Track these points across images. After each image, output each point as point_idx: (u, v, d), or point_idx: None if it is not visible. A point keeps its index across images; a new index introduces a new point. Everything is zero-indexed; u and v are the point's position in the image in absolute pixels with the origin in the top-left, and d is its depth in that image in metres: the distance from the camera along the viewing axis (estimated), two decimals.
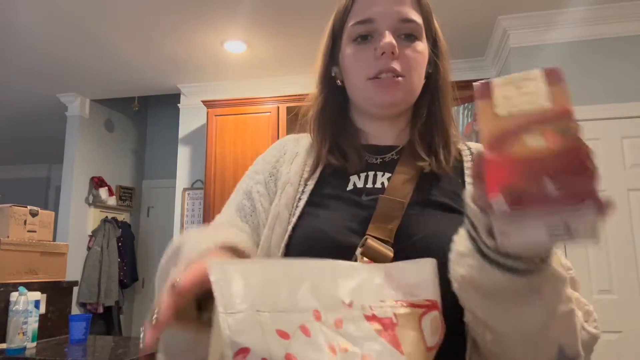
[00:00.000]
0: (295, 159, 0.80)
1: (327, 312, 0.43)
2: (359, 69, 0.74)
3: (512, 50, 3.07)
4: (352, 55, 0.75)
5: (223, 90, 4.09)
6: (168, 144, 5.01)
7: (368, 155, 0.77)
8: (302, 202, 0.73)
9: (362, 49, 0.74)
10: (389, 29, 0.72)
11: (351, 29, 0.75)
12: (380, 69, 0.72)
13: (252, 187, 0.80)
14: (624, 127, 2.79)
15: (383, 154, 0.77)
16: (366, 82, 0.73)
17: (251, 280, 0.42)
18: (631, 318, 2.60)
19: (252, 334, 0.38)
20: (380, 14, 0.73)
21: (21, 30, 3.21)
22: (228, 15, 3.02)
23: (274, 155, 0.83)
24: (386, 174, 0.73)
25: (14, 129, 5.53)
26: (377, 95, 0.74)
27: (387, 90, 0.73)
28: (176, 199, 4.17)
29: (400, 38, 0.73)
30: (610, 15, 2.90)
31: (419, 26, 0.74)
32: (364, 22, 0.73)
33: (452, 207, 0.69)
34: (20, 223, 2.32)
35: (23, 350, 1.98)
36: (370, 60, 0.73)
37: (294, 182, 0.76)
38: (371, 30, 0.73)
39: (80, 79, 4.07)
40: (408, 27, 0.73)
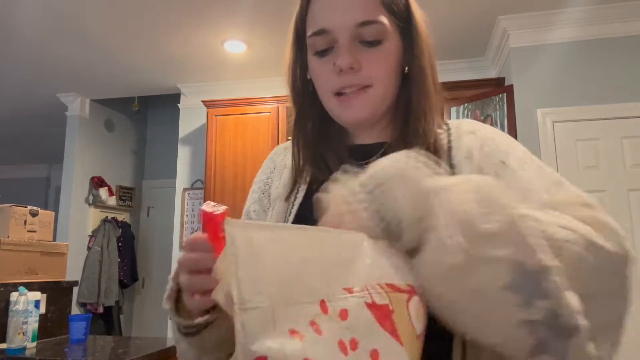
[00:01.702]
0: (284, 172, 0.79)
1: (332, 301, 0.42)
2: (323, 83, 0.71)
3: (512, 50, 3.07)
4: (315, 70, 0.71)
5: (223, 90, 4.09)
6: (168, 144, 5.01)
7: (353, 162, 0.73)
8: (292, 216, 0.72)
9: (323, 62, 0.69)
10: (347, 38, 0.67)
11: (310, 40, 0.70)
12: (342, 85, 0.68)
13: (250, 207, 0.80)
14: (624, 127, 2.79)
15: (369, 155, 0.74)
16: (331, 98, 0.70)
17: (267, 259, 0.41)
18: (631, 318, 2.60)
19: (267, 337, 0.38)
20: (335, 22, 0.67)
21: (21, 30, 3.21)
22: (228, 15, 3.02)
23: (264, 171, 0.82)
24: None
25: (14, 129, 5.53)
26: (343, 114, 0.70)
27: (354, 107, 0.69)
28: (176, 199, 4.17)
29: (362, 44, 0.67)
30: (610, 15, 2.90)
31: (381, 25, 0.67)
32: (320, 34, 0.68)
33: None
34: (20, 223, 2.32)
35: (23, 350, 1.98)
36: (332, 74, 0.68)
37: (283, 196, 0.75)
38: (330, 40, 0.68)
39: (80, 79, 4.07)
40: (369, 31, 0.67)
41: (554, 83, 2.94)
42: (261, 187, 0.81)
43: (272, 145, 3.58)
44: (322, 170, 0.73)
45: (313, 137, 0.76)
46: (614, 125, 2.81)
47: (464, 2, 2.86)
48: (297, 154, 0.76)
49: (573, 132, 2.85)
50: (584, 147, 2.82)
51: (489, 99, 3.06)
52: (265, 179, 0.81)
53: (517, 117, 2.93)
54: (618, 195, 2.72)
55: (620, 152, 2.77)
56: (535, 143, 2.88)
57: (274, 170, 0.81)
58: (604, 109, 2.84)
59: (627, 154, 2.76)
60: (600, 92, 2.87)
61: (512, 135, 2.95)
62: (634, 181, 2.72)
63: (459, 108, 3.18)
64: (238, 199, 3.55)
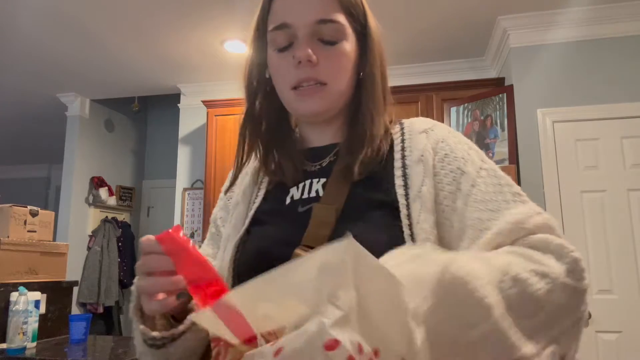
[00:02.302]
0: (245, 178, 0.81)
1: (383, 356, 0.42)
2: (281, 78, 0.73)
3: (512, 50, 3.07)
4: (274, 65, 0.73)
5: (223, 90, 4.09)
6: (168, 144, 5.01)
7: (306, 163, 0.76)
8: (248, 219, 0.74)
9: (282, 57, 0.71)
10: (307, 34, 0.69)
11: (271, 35, 0.72)
12: (300, 79, 0.70)
13: (217, 214, 0.83)
14: (624, 127, 2.79)
15: (321, 158, 0.76)
16: (289, 92, 0.72)
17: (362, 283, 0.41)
18: (631, 318, 2.60)
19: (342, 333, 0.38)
20: (296, 18, 0.69)
21: (21, 30, 3.21)
22: (228, 15, 3.02)
23: (229, 177, 0.84)
24: (321, 179, 0.72)
25: (14, 129, 5.53)
26: (300, 106, 0.72)
27: (310, 100, 0.70)
28: (176, 199, 4.17)
29: (320, 42, 0.70)
30: (610, 15, 2.90)
31: (339, 25, 0.70)
32: (281, 27, 0.70)
33: (384, 202, 0.67)
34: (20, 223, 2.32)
35: (23, 350, 1.98)
36: (291, 69, 0.70)
37: (244, 201, 0.77)
38: (290, 36, 0.70)
39: (80, 79, 4.07)
40: (328, 29, 0.69)
41: (554, 83, 2.94)
42: (227, 194, 0.83)
43: None
44: (276, 173, 0.75)
45: (267, 139, 0.77)
46: (614, 125, 2.81)
47: (464, 2, 2.86)
48: (242, 152, 0.77)
49: (573, 132, 2.85)
50: (584, 147, 2.82)
51: (489, 99, 3.06)
52: (229, 185, 0.83)
53: (517, 117, 2.93)
54: (618, 195, 2.72)
55: (620, 152, 2.77)
56: (535, 143, 2.88)
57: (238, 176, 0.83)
58: (604, 109, 2.84)
59: (627, 154, 2.76)
60: (600, 92, 2.87)
61: (512, 136, 2.97)
62: (634, 181, 2.72)
63: (459, 108, 3.18)
64: None
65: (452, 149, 0.69)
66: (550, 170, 2.82)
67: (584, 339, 2.71)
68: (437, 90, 3.31)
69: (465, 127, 3.11)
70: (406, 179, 0.68)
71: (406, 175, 0.68)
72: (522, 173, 2.86)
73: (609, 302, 2.63)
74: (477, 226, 0.60)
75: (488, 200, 0.62)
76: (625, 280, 2.64)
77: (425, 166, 0.67)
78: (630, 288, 2.63)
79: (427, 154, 0.69)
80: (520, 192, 0.64)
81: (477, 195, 0.63)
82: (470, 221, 0.61)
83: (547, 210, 2.76)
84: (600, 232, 2.71)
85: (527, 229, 0.56)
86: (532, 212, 0.59)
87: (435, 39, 3.32)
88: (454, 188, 0.65)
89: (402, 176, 0.68)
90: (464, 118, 3.14)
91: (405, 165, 0.69)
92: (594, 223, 2.72)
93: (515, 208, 0.60)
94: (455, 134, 0.73)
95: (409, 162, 0.69)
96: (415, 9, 2.93)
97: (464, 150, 0.69)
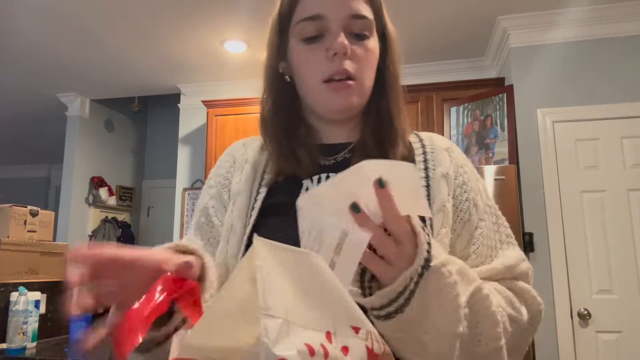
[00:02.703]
0: (245, 167, 0.78)
1: (338, 335, 0.44)
2: (311, 71, 0.71)
3: (512, 50, 3.07)
4: (303, 56, 0.71)
5: (223, 90, 4.09)
6: (168, 144, 5.01)
7: (321, 157, 0.75)
8: (255, 211, 0.72)
9: (312, 49, 0.70)
10: (340, 27, 0.69)
11: (300, 26, 0.70)
12: (333, 71, 0.69)
13: (208, 203, 0.78)
14: (624, 127, 2.79)
15: (336, 153, 0.75)
16: (320, 85, 0.70)
17: (286, 278, 0.43)
18: (631, 318, 2.60)
19: (285, 344, 0.39)
20: (330, 10, 0.68)
21: (21, 30, 3.21)
22: (228, 15, 3.02)
23: (223, 166, 0.81)
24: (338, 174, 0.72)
25: (14, 129, 5.53)
26: (333, 100, 0.71)
27: (343, 94, 0.70)
28: (176, 199, 4.17)
29: (351, 36, 0.70)
30: (610, 15, 2.90)
31: (369, 22, 0.71)
32: (314, 19, 0.69)
33: None
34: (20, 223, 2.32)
35: (23, 350, 1.98)
36: (323, 61, 0.69)
37: (245, 191, 0.74)
38: (321, 27, 0.69)
39: (80, 79, 4.07)
40: (359, 24, 0.70)
41: (554, 83, 2.94)
42: (220, 182, 0.79)
43: None
44: (291, 164, 0.73)
45: (284, 130, 0.76)
46: (614, 125, 2.80)
47: (464, 2, 2.86)
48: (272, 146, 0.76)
49: (573, 132, 2.85)
50: (584, 147, 2.82)
51: (489, 99, 3.06)
52: (224, 174, 0.79)
53: (517, 117, 2.93)
54: (618, 195, 2.72)
55: (620, 152, 2.77)
56: (535, 143, 2.88)
57: (234, 165, 0.80)
58: (604, 109, 2.84)
59: (627, 154, 2.76)
60: (600, 92, 2.87)
61: (512, 136, 2.98)
62: (634, 181, 2.72)
63: (459, 108, 3.18)
64: None
65: (469, 177, 0.73)
66: (550, 170, 2.82)
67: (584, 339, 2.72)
68: (437, 90, 3.31)
69: (465, 127, 3.11)
70: (429, 189, 0.70)
71: (429, 185, 0.70)
72: (522, 173, 2.86)
73: (609, 302, 2.63)
74: (477, 260, 0.68)
75: (489, 237, 0.70)
76: (625, 280, 2.64)
77: (449, 185, 0.70)
78: (630, 288, 2.63)
79: (451, 172, 0.71)
80: (511, 234, 0.74)
81: (483, 230, 0.70)
82: (474, 255, 0.68)
83: (547, 210, 2.77)
84: (600, 232, 2.71)
85: (514, 273, 0.68)
86: (520, 259, 0.70)
87: (435, 39, 3.32)
88: (466, 217, 0.70)
89: (426, 186, 0.70)
90: (464, 118, 3.14)
91: (428, 176, 0.71)
92: (594, 223, 2.72)
93: (507, 250, 0.71)
94: (468, 161, 0.77)
95: (432, 174, 0.71)
96: (415, 9, 2.93)
97: (476, 182, 0.74)
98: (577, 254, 2.71)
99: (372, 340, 0.46)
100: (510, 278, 0.67)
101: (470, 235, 0.69)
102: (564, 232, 2.74)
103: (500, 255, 0.69)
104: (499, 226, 0.73)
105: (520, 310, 0.64)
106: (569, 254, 2.72)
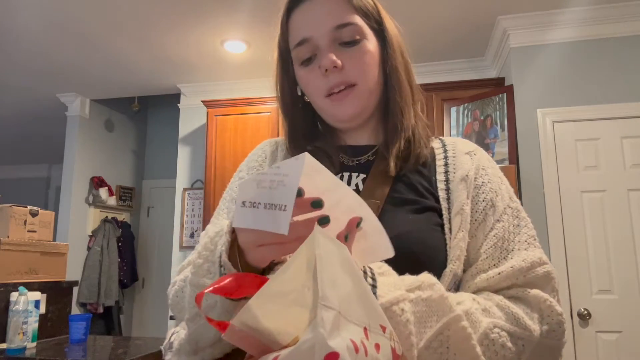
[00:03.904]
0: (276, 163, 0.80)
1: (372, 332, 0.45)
2: (313, 90, 0.75)
3: (512, 50, 3.07)
4: (304, 79, 0.76)
5: (223, 90, 4.09)
6: (168, 144, 5.01)
7: (344, 157, 0.78)
8: None
9: (310, 70, 0.74)
10: (327, 42, 0.72)
11: (294, 52, 0.76)
12: (330, 86, 0.72)
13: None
14: (624, 127, 2.79)
15: (360, 155, 0.78)
16: (324, 100, 0.74)
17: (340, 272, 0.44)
18: (631, 318, 2.60)
19: (338, 337, 0.40)
20: (314, 30, 0.72)
21: (21, 31, 3.21)
22: (228, 15, 3.02)
23: (256, 160, 0.84)
24: (361, 175, 0.74)
25: (14, 129, 5.53)
26: (337, 111, 0.74)
27: (345, 103, 0.73)
28: (176, 199, 4.17)
29: (342, 45, 0.72)
30: (610, 15, 2.90)
31: (356, 26, 0.72)
32: (302, 44, 0.73)
33: (426, 207, 0.70)
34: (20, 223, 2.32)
35: (23, 350, 1.98)
36: (320, 78, 0.73)
37: None
38: (312, 48, 0.73)
39: (80, 79, 4.07)
40: (347, 32, 0.72)
41: (554, 83, 2.94)
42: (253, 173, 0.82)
43: None
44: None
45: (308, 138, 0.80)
46: (614, 125, 2.80)
47: (464, 2, 2.86)
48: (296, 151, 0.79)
49: (573, 132, 2.85)
50: (584, 147, 2.82)
51: (489, 99, 3.06)
52: (256, 166, 0.82)
53: (517, 117, 2.93)
54: (618, 195, 2.72)
55: (620, 152, 2.77)
56: (535, 143, 2.88)
57: (265, 160, 0.83)
58: (604, 109, 2.84)
59: (627, 154, 2.76)
60: (600, 92, 2.87)
61: (512, 136, 2.97)
62: (634, 181, 2.72)
63: (458, 108, 3.18)
64: None
65: (490, 179, 0.73)
66: (550, 170, 2.82)
67: (584, 339, 2.71)
68: (437, 90, 3.31)
69: (465, 127, 3.11)
70: (449, 192, 0.71)
71: (449, 189, 0.71)
72: (522, 173, 2.86)
73: (609, 302, 2.63)
74: (488, 261, 0.66)
75: (506, 239, 0.68)
76: (625, 280, 2.64)
77: (468, 187, 0.71)
78: (630, 288, 2.63)
79: (470, 174, 0.72)
80: (535, 236, 0.70)
81: (498, 231, 0.68)
82: (484, 254, 0.67)
83: (547, 210, 2.76)
84: (600, 232, 2.71)
85: (527, 277, 0.64)
86: (538, 262, 0.65)
87: (435, 39, 3.32)
88: (481, 218, 0.69)
89: (446, 190, 0.71)
90: (464, 118, 3.14)
91: (448, 179, 0.72)
92: (594, 223, 2.72)
93: (527, 251, 0.67)
94: (493, 163, 0.77)
95: (452, 178, 0.72)
96: (415, 9, 2.93)
97: (497, 184, 0.73)
98: (577, 254, 2.71)
99: (394, 340, 0.47)
100: (522, 283, 0.64)
101: (484, 236, 0.69)
102: (564, 232, 2.74)
103: (516, 257, 0.66)
104: (521, 228, 0.70)
105: (527, 326, 0.59)
106: (569, 254, 2.72)
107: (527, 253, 0.66)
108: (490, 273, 0.64)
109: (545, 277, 0.64)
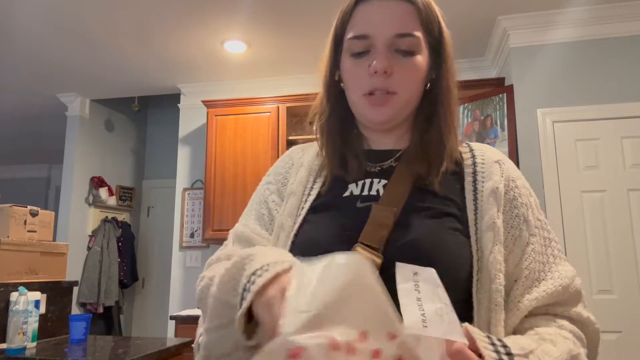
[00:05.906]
0: (300, 170, 0.82)
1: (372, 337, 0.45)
2: (354, 83, 0.76)
3: (512, 50, 3.07)
4: (349, 70, 0.76)
5: (223, 90, 4.09)
6: (168, 144, 5.01)
7: (367, 164, 0.79)
8: (304, 211, 0.76)
9: (358, 64, 0.75)
10: (385, 46, 0.72)
11: (349, 42, 0.76)
12: (373, 87, 0.73)
13: (268, 197, 0.83)
14: (624, 127, 2.79)
15: (382, 160, 0.78)
16: (362, 98, 0.75)
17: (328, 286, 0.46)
18: (631, 318, 2.60)
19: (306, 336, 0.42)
20: (376, 30, 0.73)
21: (21, 31, 3.21)
22: (228, 15, 3.02)
23: (283, 166, 0.86)
24: (382, 180, 0.75)
25: (14, 129, 5.53)
26: (369, 113, 0.75)
27: (379, 109, 0.74)
28: (176, 199, 4.17)
29: (396, 53, 0.73)
30: (610, 15, 2.90)
31: (416, 39, 0.73)
32: (360, 38, 0.74)
33: (444, 212, 0.70)
34: (20, 223, 2.32)
35: (23, 350, 1.98)
36: (365, 76, 0.73)
37: (298, 192, 0.79)
38: (368, 45, 0.74)
39: (80, 79, 4.07)
40: (406, 42, 0.73)
41: (554, 83, 2.94)
42: (280, 180, 0.84)
43: (272, 145, 3.58)
44: (341, 167, 0.78)
45: (338, 136, 0.81)
46: (614, 125, 2.80)
47: (464, 2, 2.86)
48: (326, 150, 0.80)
49: (573, 132, 2.85)
50: (584, 147, 2.82)
51: (489, 99, 3.06)
52: (284, 173, 0.85)
53: (517, 117, 2.93)
54: (618, 195, 2.72)
55: (620, 152, 2.77)
56: (535, 143, 2.88)
57: (292, 167, 0.85)
58: (604, 109, 2.84)
59: (627, 154, 2.76)
60: (600, 92, 2.87)
61: (512, 136, 2.97)
62: (634, 181, 2.72)
63: (458, 108, 3.18)
64: (238, 199, 3.55)
65: (520, 192, 0.74)
66: (550, 170, 2.82)
67: None
68: None
69: (465, 127, 3.11)
70: (476, 203, 0.71)
71: (477, 199, 0.72)
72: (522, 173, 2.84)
73: (609, 302, 2.63)
74: (531, 276, 0.69)
75: (541, 253, 0.71)
76: (625, 280, 2.64)
77: (498, 201, 0.71)
78: (630, 288, 2.63)
79: (500, 187, 0.73)
80: (561, 249, 0.74)
81: (535, 246, 0.71)
82: (527, 270, 0.69)
83: (547, 210, 2.76)
84: (600, 232, 2.71)
85: (570, 292, 0.69)
86: (573, 275, 0.71)
87: None
88: (517, 233, 0.71)
89: (474, 200, 0.72)
90: (464, 118, 3.14)
91: (476, 189, 0.73)
92: (594, 223, 2.72)
93: (559, 265, 0.72)
94: (519, 173, 0.78)
95: (480, 187, 0.73)
96: None
97: (527, 196, 0.75)
98: (577, 254, 2.71)
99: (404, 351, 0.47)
100: (565, 300, 0.69)
101: (522, 251, 0.70)
102: (564, 232, 2.74)
103: (554, 271, 0.70)
104: (550, 241, 0.74)
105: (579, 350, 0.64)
106: (568, 254, 2.72)
107: (563, 268, 0.71)
108: (535, 294, 0.67)
109: (580, 290, 0.71)
